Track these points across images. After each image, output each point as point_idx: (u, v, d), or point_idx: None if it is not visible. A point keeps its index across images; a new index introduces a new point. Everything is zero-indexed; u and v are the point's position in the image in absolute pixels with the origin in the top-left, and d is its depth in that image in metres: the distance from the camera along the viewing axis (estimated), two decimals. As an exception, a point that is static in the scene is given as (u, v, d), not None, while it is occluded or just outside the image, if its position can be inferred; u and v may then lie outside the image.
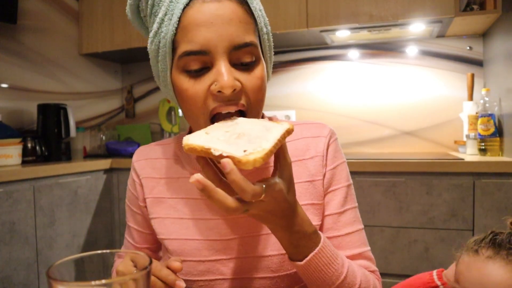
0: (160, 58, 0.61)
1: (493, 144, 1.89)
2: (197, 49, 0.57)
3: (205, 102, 0.58)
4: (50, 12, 2.43)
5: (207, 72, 0.58)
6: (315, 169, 0.70)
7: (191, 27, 0.57)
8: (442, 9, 1.92)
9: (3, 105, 2.14)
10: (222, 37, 0.57)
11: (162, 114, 2.67)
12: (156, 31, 0.60)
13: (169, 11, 0.58)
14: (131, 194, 0.79)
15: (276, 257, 0.67)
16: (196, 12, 0.57)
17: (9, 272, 1.64)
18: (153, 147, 0.80)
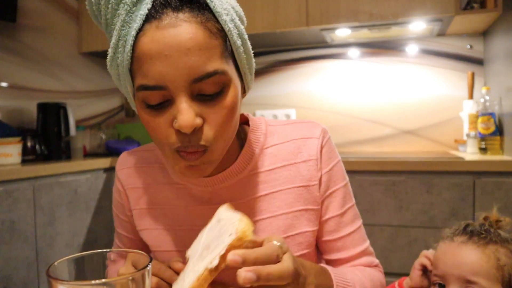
0: (122, 84, 0.56)
1: (494, 143, 1.89)
2: (152, 85, 0.50)
3: (168, 137, 0.53)
4: (49, 10, 2.42)
5: (169, 106, 0.52)
6: (309, 173, 0.68)
7: (145, 59, 0.50)
8: (443, 7, 1.91)
9: (2, 104, 2.14)
10: (179, 70, 0.49)
11: (162, 113, 2.67)
12: (112, 56, 0.53)
13: (121, 37, 0.51)
14: (117, 202, 0.77)
15: None
16: (149, 41, 0.49)
17: (9, 271, 1.64)
18: (136, 153, 0.76)
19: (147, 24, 0.49)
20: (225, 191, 0.66)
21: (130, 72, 0.53)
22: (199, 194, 0.67)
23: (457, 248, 0.69)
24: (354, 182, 1.91)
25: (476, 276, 0.65)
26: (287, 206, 0.67)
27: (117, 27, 0.51)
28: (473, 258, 0.67)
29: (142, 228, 0.72)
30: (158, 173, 0.71)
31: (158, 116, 0.53)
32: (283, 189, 0.67)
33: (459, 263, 0.68)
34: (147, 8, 0.49)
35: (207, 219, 0.58)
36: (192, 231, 0.63)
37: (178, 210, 0.69)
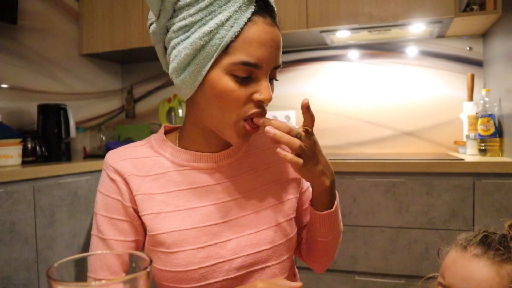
0: (204, 54, 0.65)
1: (493, 144, 1.89)
2: (253, 63, 0.65)
3: (244, 105, 0.67)
4: (50, 12, 2.43)
5: (251, 82, 0.67)
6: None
7: (254, 42, 0.64)
8: (442, 9, 1.92)
9: (3, 105, 2.14)
10: (272, 58, 0.66)
11: (162, 115, 2.67)
12: (212, 30, 0.63)
13: (232, 18, 0.64)
14: (109, 201, 0.73)
15: (270, 229, 0.76)
16: (260, 31, 0.65)
17: (9, 273, 1.64)
18: (126, 149, 0.77)
19: (255, 17, 0.65)
20: (226, 168, 0.76)
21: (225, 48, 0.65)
22: (203, 175, 0.75)
23: (468, 261, 0.63)
24: (354, 183, 1.92)
25: None
26: (278, 178, 0.81)
27: (230, 9, 0.63)
28: (484, 275, 0.61)
29: (147, 212, 0.72)
30: (156, 162, 0.75)
31: (242, 88, 0.66)
32: (270, 166, 0.81)
33: (467, 277, 0.62)
34: (254, 5, 0.65)
35: (211, 198, 0.73)
36: (196, 209, 0.72)
37: (180, 193, 0.73)
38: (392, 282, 1.78)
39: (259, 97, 0.66)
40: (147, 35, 2.45)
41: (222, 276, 0.72)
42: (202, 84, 0.67)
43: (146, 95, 2.94)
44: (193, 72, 0.67)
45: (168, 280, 0.71)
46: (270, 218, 0.76)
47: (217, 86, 0.66)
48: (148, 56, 2.76)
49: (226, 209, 0.74)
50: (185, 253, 0.70)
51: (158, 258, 0.72)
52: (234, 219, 0.74)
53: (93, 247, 0.73)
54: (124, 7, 2.51)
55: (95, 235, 0.74)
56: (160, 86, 2.90)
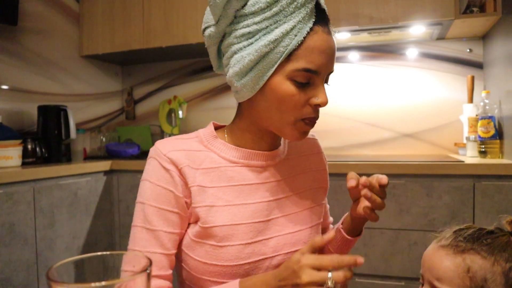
0: (268, 60, 0.69)
1: (493, 146, 1.89)
2: (313, 69, 0.69)
3: (302, 108, 0.71)
4: (50, 14, 2.43)
5: (309, 86, 0.71)
6: (320, 163, 0.92)
7: (315, 50, 0.69)
8: (442, 11, 1.92)
9: (3, 106, 2.14)
10: (329, 65, 0.72)
11: (162, 116, 2.67)
12: (277, 38, 0.68)
13: (296, 28, 0.68)
14: (161, 191, 0.73)
15: (306, 230, 0.81)
16: (321, 39, 0.69)
17: (9, 274, 1.63)
18: (177, 140, 0.78)
19: (316, 26, 0.69)
20: (272, 168, 0.81)
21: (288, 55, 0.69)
22: (252, 173, 0.78)
23: (435, 251, 0.68)
24: (354, 185, 1.91)
25: (439, 281, 0.64)
26: (312, 184, 0.86)
27: (295, 19, 0.68)
28: (441, 264, 0.65)
29: (201, 205, 0.73)
30: (207, 156, 0.77)
31: (301, 92, 0.70)
32: (306, 172, 0.86)
33: (432, 266, 0.67)
34: (315, 15, 0.70)
35: (258, 196, 0.77)
36: (245, 205, 0.76)
37: (230, 188, 0.76)
38: (392, 284, 1.78)
39: (317, 101, 0.71)
40: (147, 36, 2.45)
41: (262, 272, 0.75)
42: (263, 88, 0.71)
43: (146, 97, 2.95)
44: (256, 77, 0.70)
45: (210, 274, 0.73)
46: (307, 220, 0.82)
47: (278, 90, 0.70)
48: (148, 58, 2.76)
49: (270, 207, 0.78)
50: (234, 248, 0.73)
51: (204, 251, 0.73)
52: (276, 218, 0.78)
53: (137, 239, 0.72)
54: (124, 9, 2.51)
55: (139, 226, 0.73)
56: (160, 87, 2.90)
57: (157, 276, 0.71)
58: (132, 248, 0.72)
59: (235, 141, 0.80)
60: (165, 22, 2.42)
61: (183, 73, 2.85)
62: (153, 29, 2.45)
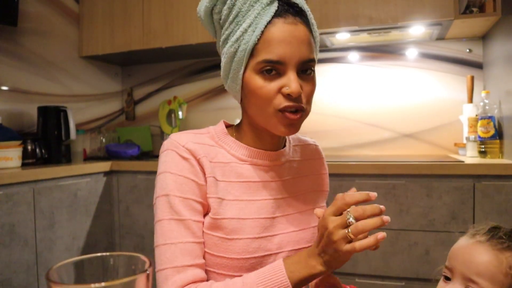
0: (236, 59, 0.73)
1: (493, 146, 1.89)
2: (275, 59, 0.71)
3: (275, 99, 0.72)
4: (50, 14, 2.43)
5: (278, 77, 0.72)
6: (320, 167, 0.95)
7: (273, 41, 0.71)
8: (442, 11, 1.92)
9: (3, 107, 2.14)
10: (295, 53, 0.71)
11: (162, 117, 2.67)
12: (238, 37, 0.72)
13: (253, 24, 0.71)
14: (183, 181, 0.75)
15: (309, 229, 0.83)
16: (278, 30, 0.71)
17: (9, 275, 1.63)
18: (190, 134, 0.81)
19: (275, 19, 0.71)
20: (278, 168, 0.83)
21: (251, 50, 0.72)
22: (260, 171, 0.81)
23: (472, 246, 0.68)
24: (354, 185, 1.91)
25: (479, 277, 0.65)
26: (314, 187, 0.89)
27: (251, 17, 0.71)
28: (483, 259, 0.65)
29: (214, 196, 0.76)
30: (219, 152, 0.80)
31: (270, 83, 0.72)
32: (308, 175, 0.89)
33: (468, 260, 0.67)
34: (275, 8, 0.71)
35: (264, 194, 0.80)
36: (253, 201, 0.79)
37: (239, 184, 0.79)
38: (392, 285, 1.78)
39: (287, 90, 0.72)
40: (147, 37, 2.46)
41: None
42: (243, 87, 0.76)
43: (146, 97, 2.95)
44: (233, 78, 0.76)
45: (217, 266, 0.75)
46: (309, 220, 0.84)
47: (250, 85, 0.74)
48: (148, 58, 2.76)
49: (276, 205, 0.81)
50: (242, 241, 0.75)
51: (213, 243, 0.75)
52: (281, 216, 0.81)
53: (167, 232, 0.72)
54: (124, 9, 2.51)
55: (166, 219, 0.73)
56: (160, 88, 2.91)
57: (194, 265, 0.72)
58: (163, 242, 0.72)
59: (241, 140, 0.83)
60: (165, 22, 2.43)
61: (183, 73, 2.85)
62: (153, 29, 2.45)
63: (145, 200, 2.19)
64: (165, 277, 0.70)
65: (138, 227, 2.22)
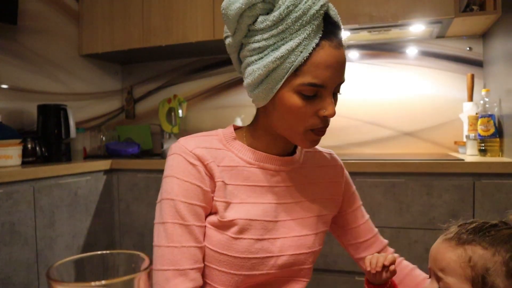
0: (275, 75, 0.73)
1: (493, 144, 1.89)
2: (319, 84, 0.71)
3: (310, 119, 0.74)
4: (50, 13, 2.43)
5: (316, 99, 0.73)
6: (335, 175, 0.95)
7: (321, 66, 0.71)
8: (442, 10, 1.92)
9: (3, 106, 2.14)
10: (336, 78, 0.73)
11: (162, 115, 2.67)
12: (283, 55, 0.71)
13: (302, 45, 0.70)
14: (189, 187, 0.76)
15: (311, 236, 0.84)
16: (325, 54, 0.71)
17: (9, 273, 1.64)
18: (199, 138, 0.82)
19: (323, 41, 0.71)
20: (285, 174, 0.84)
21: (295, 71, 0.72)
22: (266, 175, 0.82)
23: (439, 244, 0.71)
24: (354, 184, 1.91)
25: (443, 273, 0.66)
26: (321, 194, 0.89)
27: (300, 37, 0.70)
28: (444, 255, 0.67)
29: (221, 199, 0.77)
30: (227, 155, 0.81)
31: (308, 105, 0.73)
32: (318, 182, 0.89)
33: (435, 258, 0.70)
34: (322, 30, 0.71)
35: (269, 197, 0.81)
36: (258, 204, 0.80)
37: (245, 187, 0.80)
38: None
39: (324, 113, 0.74)
40: (147, 35, 2.45)
41: (266, 270, 0.79)
42: (273, 99, 0.75)
43: (146, 96, 2.94)
44: (265, 90, 0.75)
45: (219, 264, 0.76)
46: (312, 227, 0.85)
47: (286, 103, 0.74)
48: (148, 57, 2.76)
49: (279, 210, 0.82)
50: (246, 241, 0.77)
51: (218, 241, 0.76)
52: (284, 220, 0.82)
53: (170, 235, 0.74)
54: (124, 7, 2.51)
55: (171, 222, 0.75)
56: (160, 86, 2.90)
57: (195, 269, 0.74)
58: (166, 244, 0.74)
59: (251, 143, 0.83)
60: (164, 21, 2.42)
61: (183, 72, 2.85)
62: (153, 28, 2.45)
63: (145, 198, 2.19)
64: (166, 278, 0.72)
65: (138, 225, 2.22)
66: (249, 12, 0.72)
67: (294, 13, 0.69)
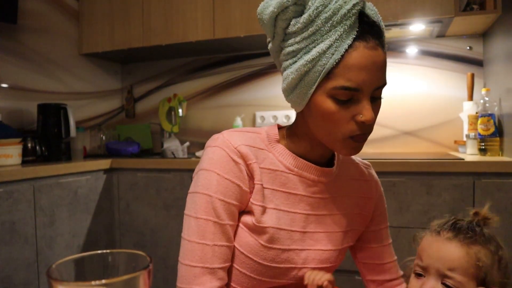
0: (308, 79, 0.70)
1: (493, 144, 1.89)
2: (353, 87, 0.67)
3: (347, 125, 0.70)
4: (50, 12, 2.43)
5: (352, 104, 0.69)
6: (368, 190, 0.90)
7: (354, 68, 0.67)
8: (442, 9, 1.92)
9: (3, 105, 2.14)
10: (373, 81, 0.68)
11: (162, 114, 2.67)
12: (314, 57, 0.68)
13: (333, 46, 0.67)
14: (228, 184, 0.73)
15: (335, 251, 0.82)
16: (359, 55, 0.67)
17: (9, 272, 1.64)
18: (245, 134, 0.79)
19: (356, 42, 0.67)
20: (321, 185, 0.81)
21: (327, 73, 0.69)
22: (302, 184, 0.80)
23: (442, 243, 0.74)
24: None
25: (453, 272, 0.70)
26: (352, 208, 0.86)
27: (331, 38, 0.67)
28: (456, 255, 0.71)
29: (258, 203, 0.75)
30: (268, 157, 0.79)
31: (343, 109, 0.69)
32: (350, 196, 0.86)
33: (442, 257, 0.72)
34: (356, 30, 0.67)
35: (300, 207, 0.79)
36: (289, 213, 0.78)
37: (280, 193, 0.78)
38: (392, 282, 1.78)
39: (361, 118, 0.69)
40: (147, 35, 2.45)
41: (287, 279, 0.79)
42: (309, 104, 0.73)
43: (146, 95, 2.94)
44: (300, 94, 0.72)
45: (241, 264, 0.76)
46: (338, 242, 0.83)
47: (320, 108, 0.71)
48: (148, 56, 2.76)
49: (309, 221, 0.80)
50: (274, 251, 0.76)
51: (247, 244, 0.75)
52: (312, 232, 0.81)
53: (203, 232, 0.72)
54: (124, 7, 2.51)
55: (205, 219, 0.72)
56: (160, 85, 2.90)
57: (223, 268, 0.74)
58: (198, 241, 0.72)
59: (292, 146, 0.81)
60: (164, 20, 2.42)
61: (183, 71, 2.85)
62: (153, 27, 2.44)
63: (145, 197, 2.19)
64: (193, 275, 0.71)
65: (138, 225, 2.22)
66: (283, 15, 0.70)
67: (324, 14, 0.67)
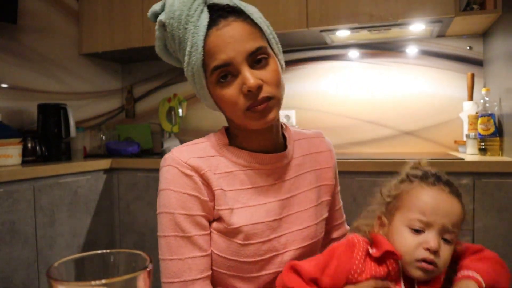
0: (196, 80, 0.77)
1: (493, 144, 1.89)
2: (221, 63, 0.72)
3: (240, 100, 0.73)
4: (50, 12, 2.43)
5: (235, 78, 0.73)
6: (325, 161, 0.93)
7: (214, 50, 0.72)
8: (442, 8, 1.92)
9: (3, 105, 2.14)
10: (239, 50, 0.72)
11: (162, 114, 2.67)
12: (188, 61, 0.75)
13: (193, 44, 0.73)
14: (186, 198, 0.75)
15: (312, 227, 0.85)
16: (215, 39, 0.72)
17: (9, 272, 1.64)
18: (192, 147, 0.81)
19: (209, 31, 0.73)
20: (280, 170, 0.83)
21: (203, 68, 0.74)
22: (262, 175, 0.82)
23: (447, 199, 0.72)
24: (354, 183, 1.92)
25: (455, 227, 0.69)
26: (316, 181, 0.89)
27: (189, 38, 0.74)
28: (458, 210, 0.71)
29: (223, 207, 0.77)
30: (222, 161, 0.80)
31: (229, 88, 0.73)
32: (310, 170, 0.88)
33: (448, 213, 0.70)
34: (207, 20, 0.73)
35: (269, 196, 0.81)
36: (260, 206, 0.80)
37: (245, 191, 0.80)
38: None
39: (245, 88, 0.72)
40: (147, 35, 2.45)
41: (274, 268, 0.80)
42: (214, 100, 0.78)
43: (146, 95, 2.94)
44: (204, 96, 0.79)
45: (228, 268, 0.77)
46: (312, 217, 0.86)
47: (218, 98, 0.76)
48: (148, 56, 2.76)
49: (281, 206, 0.82)
50: (254, 246, 0.77)
51: (226, 247, 0.77)
52: (286, 216, 0.82)
53: (173, 248, 0.74)
54: (124, 7, 2.50)
55: (172, 235, 0.75)
56: (160, 85, 2.90)
57: (202, 278, 0.75)
58: (170, 258, 0.74)
59: (236, 142, 0.83)
60: (164, 20, 2.42)
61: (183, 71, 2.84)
62: (153, 27, 2.43)
63: (145, 197, 2.19)
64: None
65: (138, 225, 2.22)
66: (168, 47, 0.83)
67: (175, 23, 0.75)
